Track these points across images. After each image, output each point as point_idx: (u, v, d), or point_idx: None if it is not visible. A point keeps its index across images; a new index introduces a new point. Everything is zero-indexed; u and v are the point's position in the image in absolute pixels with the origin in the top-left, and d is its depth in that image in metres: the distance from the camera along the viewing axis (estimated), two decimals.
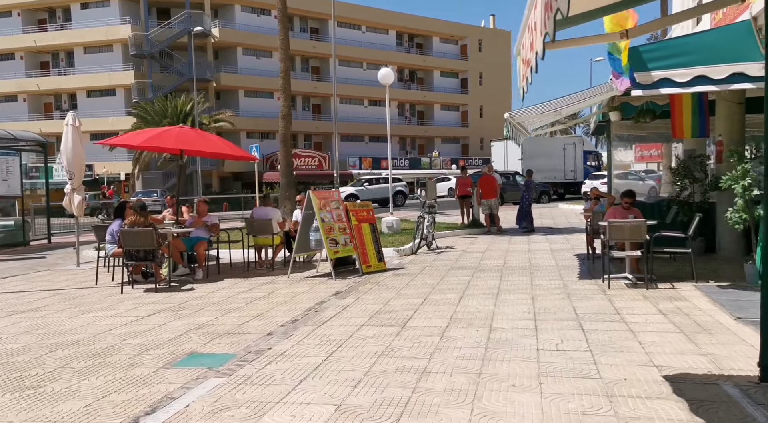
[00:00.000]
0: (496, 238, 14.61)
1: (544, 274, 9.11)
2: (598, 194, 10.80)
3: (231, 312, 6.94)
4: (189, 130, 9.61)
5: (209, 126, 38.36)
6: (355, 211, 9.92)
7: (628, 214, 8.65)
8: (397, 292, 7.93)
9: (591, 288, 7.79)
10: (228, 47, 47.41)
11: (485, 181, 16.06)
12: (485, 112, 61.75)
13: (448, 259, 11.17)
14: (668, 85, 7.46)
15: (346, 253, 9.51)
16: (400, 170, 49.42)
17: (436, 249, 12.83)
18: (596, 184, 32.36)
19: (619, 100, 10.46)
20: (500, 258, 11.11)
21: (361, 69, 54.45)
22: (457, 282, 8.63)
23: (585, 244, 12.66)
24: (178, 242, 9.32)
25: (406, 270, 10.01)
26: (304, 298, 7.74)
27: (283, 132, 15.70)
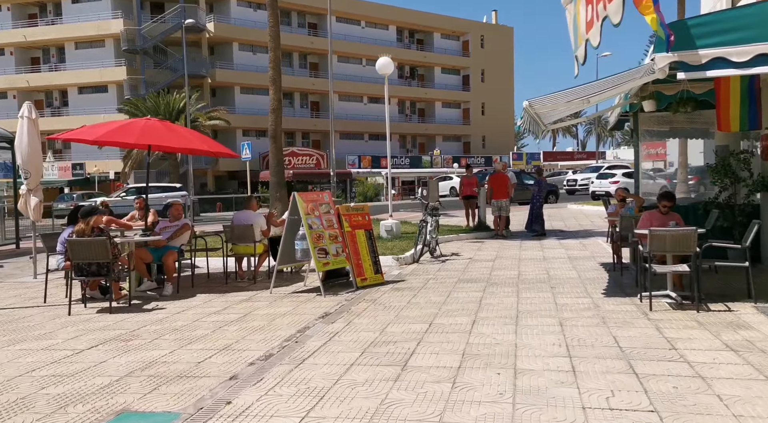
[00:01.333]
0: (505, 244, 13.34)
1: (568, 289, 7.83)
2: (625, 196, 9.52)
3: (193, 342, 5.66)
4: (156, 123, 8.34)
5: (203, 123, 37.09)
6: (348, 215, 8.65)
7: (667, 220, 7.37)
8: (396, 314, 6.66)
9: (628, 309, 6.52)
10: (223, 42, 46.12)
11: (497, 179, 14.76)
12: (487, 110, 60.46)
13: (455, 269, 9.90)
14: (721, 65, 6.20)
15: (337, 264, 8.24)
16: (400, 169, 48.16)
17: (440, 256, 11.56)
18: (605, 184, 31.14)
19: (651, 89, 9.19)
20: (513, 268, 9.83)
21: (361, 65, 53.15)
22: (466, 299, 7.35)
23: (606, 251, 11.47)
24: (144, 252, 8.06)
25: (406, 283, 8.74)
26: (286, 321, 6.46)
27: (273, 127, 14.43)
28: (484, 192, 15.66)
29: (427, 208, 11.76)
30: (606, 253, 11.19)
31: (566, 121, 10.60)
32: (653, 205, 9.75)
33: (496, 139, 60.11)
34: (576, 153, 64.15)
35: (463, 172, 17.28)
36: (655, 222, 7.47)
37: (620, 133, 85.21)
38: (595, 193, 30.46)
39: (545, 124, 9.58)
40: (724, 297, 6.88)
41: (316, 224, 8.05)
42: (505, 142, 61.21)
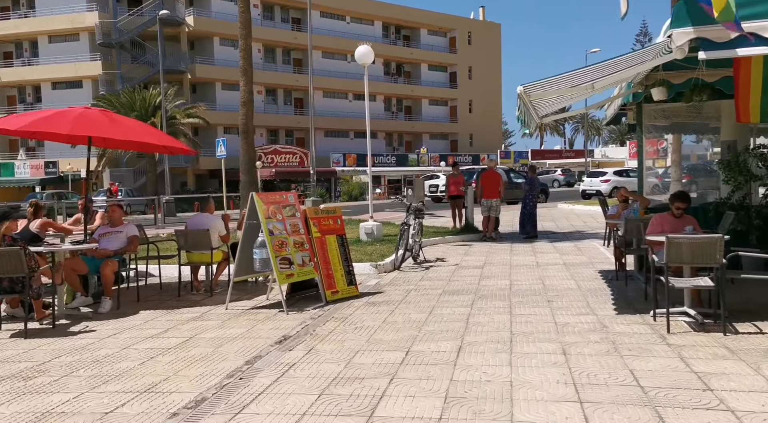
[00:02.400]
0: (495, 247, 12.34)
1: (567, 303, 6.83)
2: (627, 196, 8.55)
3: (111, 381, 4.57)
4: (96, 112, 7.22)
5: (181, 121, 35.79)
6: (317, 219, 7.59)
7: (682, 224, 6.39)
8: (368, 338, 5.61)
9: (642, 331, 5.52)
10: (204, 37, 44.76)
11: (488, 177, 13.75)
12: (475, 108, 59.56)
13: (439, 278, 8.87)
14: (753, 42, 5.24)
15: (304, 275, 7.17)
16: (386, 167, 47.12)
17: (424, 262, 10.54)
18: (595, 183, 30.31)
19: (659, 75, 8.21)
20: (504, 276, 8.82)
21: (346, 61, 51.98)
22: (451, 317, 6.32)
23: (604, 256, 10.51)
24: (77, 262, 6.94)
25: (384, 295, 7.70)
26: (235, 348, 5.39)
27: (244, 121, 13.33)
28: (472, 191, 14.67)
29: (410, 210, 10.72)
30: (604, 258, 10.22)
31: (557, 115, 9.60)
32: (661, 207, 8.82)
33: (483, 138, 59.24)
34: (564, 151, 63.53)
35: (451, 170, 16.33)
36: (668, 227, 6.49)
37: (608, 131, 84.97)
38: (585, 192, 29.64)
39: (539, 117, 8.58)
40: (749, 314, 5.91)
41: (278, 229, 6.97)
42: (493, 140, 60.38)
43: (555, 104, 7.88)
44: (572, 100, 7.90)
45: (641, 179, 8.82)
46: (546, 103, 7.91)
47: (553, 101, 7.70)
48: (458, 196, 15.34)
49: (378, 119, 54.01)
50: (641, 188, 8.80)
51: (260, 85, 47.79)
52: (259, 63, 47.73)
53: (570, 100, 7.77)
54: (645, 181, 8.91)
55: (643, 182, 8.81)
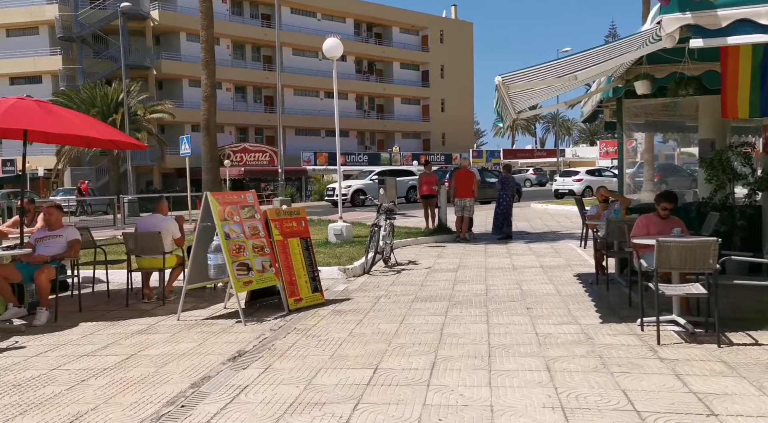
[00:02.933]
0: (469, 249, 11.90)
1: (547, 310, 6.38)
2: (608, 196, 8.16)
3: (28, 411, 3.93)
4: (30, 103, 6.52)
5: (145, 117, 34.65)
6: (279, 221, 7.00)
7: (668, 226, 6.00)
8: (332, 353, 5.07)
9: (630, 342, 5.08)
10: (170, 32, 43.55)
11: (462, 176, 13.30)
12: (447, 107, 59.37)
13: (411, 283, 8.37)
14: (747, 29, 4.84)
15: (264, 282, 6.58)
16: (358, 166, 46.52)
17: (395, 265, 10.03)
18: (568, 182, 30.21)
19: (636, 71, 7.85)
20: (479, 280, 8.36)
21: (317, 59, 51.21)
22: (424, 328, 5.82)
23: (581, 258, 10.14)
24: (9, 269, 6.24)
25: (352, 302, 7.16)
26: (181, 367, 4.79)
27: (206, 117, 12.62)
28: (445, 191, 14.22)
29: (381, 210, 10.19)
30: (582, 260, 9.85)
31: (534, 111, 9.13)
32: (641, 208, 8.47)
33: (456, 137, 59.09)
34: (536, 151, 63.80)
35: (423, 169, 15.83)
36: (654, 229, 6.10)
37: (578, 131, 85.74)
38: (558, 192, 29.51)
39: (515, 111, 8.14)
40: (741, 322, 5.53)
41: (235, 232, 6.37)
42: (465, 139, 60.28)
43: (534, 97, 7.44)
44: (553, 93, 7.46)
45: (621, 178, 8.44)
46: (523, 97, 7.47)
47: (531, 94, 7.25)
48: (431, 195, 14.88)
49: (350, 117, 53.42)
50: (621, 188, 8.43)
51: (229, 83, 46.83)
52: (227, 59, 46.75)
53: (550, 93, 7.34)
54: (625, 180, 8.53)
55: (624, 181, 8.43)
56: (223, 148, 42.90)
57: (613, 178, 31.27)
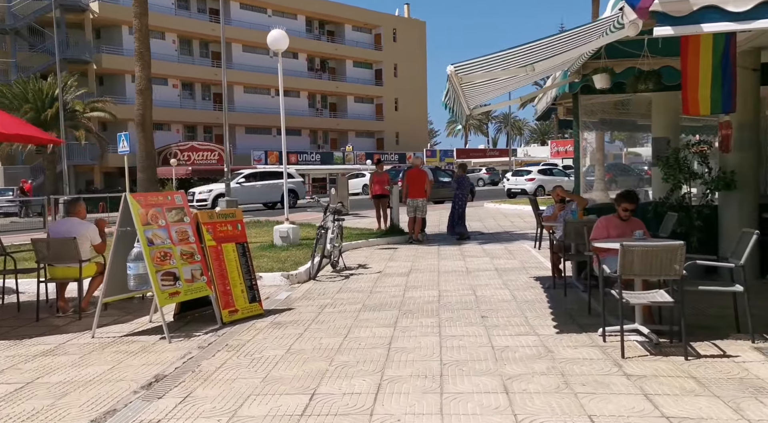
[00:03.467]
0: (421, 250, 11.44)
1: (504, 319, 5.95)
2: (564, 196, 7.82)
3: None
4: None
5: (84, 114, 32.96)
6: (211, 224, 6.35)
7: (629, 228, 5.67)
8: (265, 375, 4.48)
9: (593, 355, 4.68)
10: (111, 25, 41.67)
11: (414, 176, 12.83)
12: (401, 106, 59.06)
13: (360, 289, 7.83)
14: (714, 17, 4.50)
15: (194, 293, 5.92)
16: (310, 166, 45.72)
17: (344, 270, 9.47)
18: (521, 181, 30.25)
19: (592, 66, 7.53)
20: (432, 285, 7.89)
21: (268, 56, 50.03)
22: (371, 342, 5.29)
23: (536, 260, 9.82)
24: None
25: (294, 312, 6.57)
26: (84, 397, 4.11)
27: (140, 112, 11.74)
28: (398, 190, 13.74)
29: (328, 211, 9.61)
30: (538, 263, 9.52)
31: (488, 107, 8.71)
32: (599, 208, 8.18)
33: (409, 136, 58.87)
34: (488, 150, 64.27)
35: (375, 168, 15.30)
36: (615, 231, 5.75)
37: (529, 131, 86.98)
38: (510, 191, 29.52)
39: (469, 108, 7.71)
40: (706, 330, 5.21)
41: (159, 238, 5.69)
42: (419, 138, 60.14)
43: (488, 92, 7.02)
44: (507, 87, 7.05)
45: (578, 178, 8.12)
46: (476, 91, 7.03)
47: (485, 88, 6.82)
48: (383, 195, 14.38)
49: (302, 116, 52.48)
50: (578, 187, 8.10)
51: (175, 79, 45.24)
52: (173, 55, 45.16)
53: (505, 87, 6.92)
54: (582, 179, 8.21)
55: (580, 181, 8.11)
56: (170, 147, 41.41)
57: (564, 176, 31.55)
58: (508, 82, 6.81)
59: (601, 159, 21.90)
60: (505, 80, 6.43)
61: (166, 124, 45.32)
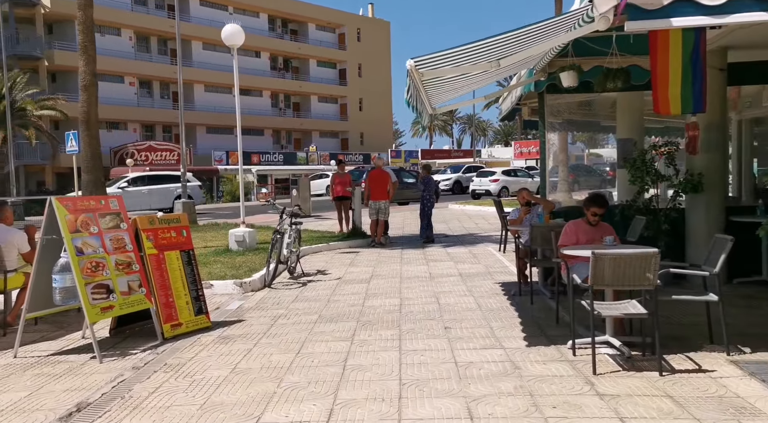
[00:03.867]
0: (384, 255, 11.05)
1: (468, 331, 5.60)
2: (530, 199, 7.53)
3: None
4: None
5: (34, 112, 31.57)
6: (152, 231, 5.82)
7: (598, 233, 5.39)
8: (204, 400, 4.01)
9: (563, 371, 4.36)
10: (63, 20, 40.07)
11: (376, 177, 12.43)
12: (365, 106, 58.66)
13: (317, 298, 7.39)
14: (687, 11, 4.24)
15: (130, 307, 5.40)
16: (273, 166, 44.92)
17: (302, 276, 9.02)
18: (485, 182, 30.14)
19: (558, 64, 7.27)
20: (393, 293, 7.51)
21: (229, 54, 49.00)
22: (325, 358, 4.87)
23: (501, 264, 9.54)
24: None
25: (245, 325, 6.10)
26: None
27: (85, 109, 11.02)
28: (360, 192, 13.33)
29: (285, 214, 9.13)
30: (502, 267, 9.24)
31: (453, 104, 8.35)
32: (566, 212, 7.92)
33: (374, 136, 58.50)
34: (453, 151, 64.37)
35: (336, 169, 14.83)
36: (584, 237, 5.46)
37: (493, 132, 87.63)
38: (475, 192, 29.40)
39: (431, 106, 7.35)
40: (678, 341, 4.96)
41: (91, 247, 5.15)
42: (384, 139, 59.83)
43: (450, 91, 6.66)
44: (470, 85, 6.71)
45: (544, 179, 7.84)
46: (440, 90, 6.68)
47: (448, 87, 6.47)
48: (344, 197, 13.96)
49: (265, 116, 51.60)
50: (544, 190, 7.83)
51: (132, 76, 43.92)
52: (130, 52, 43.83)
53: (468, 84, 6.58)
54: (548, 181, 7.94)
55: (546, 183, 7.83)
56: (126, 147, 40.09)
57: (528, 178, 31.62)
58: (471, 80, 6.48)
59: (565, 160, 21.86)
60: (469, 77, 6.09)
61: (122, 123, 43.94)
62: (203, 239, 13.41)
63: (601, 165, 40.08)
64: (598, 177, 32.16)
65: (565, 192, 22.18)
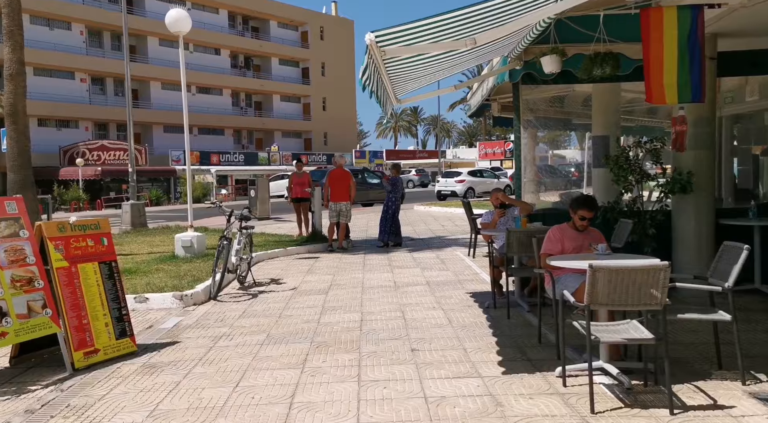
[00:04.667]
0: (345, 261, 10.23)
1: (439, 353, 4.82)
2: (504, 201, 6.80)
3: None
4: None
5: None
6: (62, 239, 4.87)
7: (586, 239, 4.69)
8: None
9: (554, 409, 3.60)
10: None
11: (337, 177, 11.58)
12: (329, 106, 57.66)
13: (267, 312, 6.52)
14: None
15: (31, 333, 4.45)
16: (233, 166, 43.59)
17: (253, 285, 8.14)
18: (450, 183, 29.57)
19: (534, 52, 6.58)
20: (354, 306, 6.69)
21: (188, 51, 47.43)
22: (268, 393, 4.02)
23: (471, 270, 8.82)
24: None
25: (179, 348, 5.20)
26: None
27: (10, 101, 9.84)
28: (320, 193, 12.47)
29: (232, 218, 8.21)
30: (473, 274, 8.52)
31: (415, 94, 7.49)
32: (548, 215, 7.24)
33: (338, 136, 57.54)
34: (418, 152, 63.93)
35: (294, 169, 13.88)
36: (569, 243, 4.75)
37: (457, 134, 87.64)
38: (440, 193, 28.80)
39: (396, 97, 6.57)
40: (680, 366, 4.27)
41: None
42: (348, 139, 58.91)
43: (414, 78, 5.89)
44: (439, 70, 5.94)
45: (519, 179, 7.12)
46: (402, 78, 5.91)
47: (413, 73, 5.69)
48: (303, 198, 13.08)
49: (225, 114, 50.16)
50: (519, 190, 7.11)
51: (84, 72, 42.00)
52: (81, 47, 41.93)
53: (437, 70, 5.81)
54: (524, 181, 7.22)
55: (522, 183, 7.11)
56: (77, 146, 38.27)
57: (494, 178, 31.19)
58: (440, 66, 5.72)
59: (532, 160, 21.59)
60: (439, 61, 5.32)
61: (73, 120, 42.01)
62: (150, 244, 12.36)
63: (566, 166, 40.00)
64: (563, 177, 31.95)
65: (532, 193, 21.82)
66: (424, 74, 6.11)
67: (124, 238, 13.78)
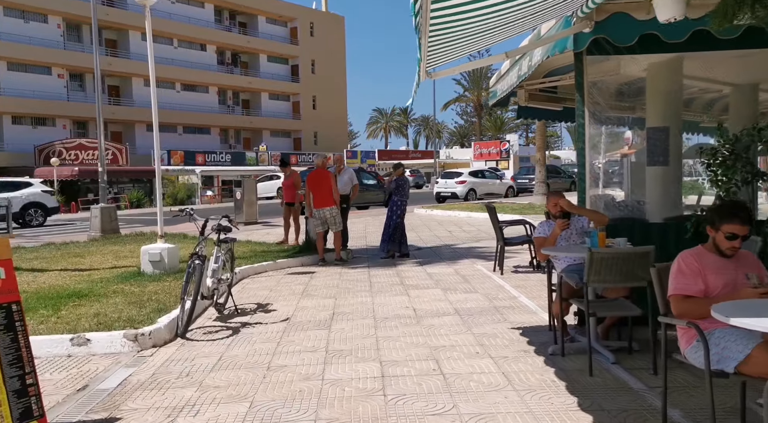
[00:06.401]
0: (347, 276, 8.49)
1: None
2: (568, 209, 5.06)
3: None
4: None
5: None
6: None
7: (738, 269, 3.02)
8: None
9: None
10: None
11: (317, 178, 9.69)
12: (319, 104, 55.82)
13: (251, 361, 4.78)
14: None
15: None
16: (220, 167, 41.64)
17: (234, 314, 6.40)
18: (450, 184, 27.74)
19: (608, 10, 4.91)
20: (368, 349, 4.97)
21: (172, 47, 45.52)
22: None
23: (503, 291, 7.08)
24: None
25: None
26: None
27: None
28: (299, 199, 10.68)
29: (206, 230, 6.44)
30: (507, 295, 6.84)
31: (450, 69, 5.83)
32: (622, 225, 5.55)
33: (329, 136, 55.70)
34: (411, 152, 62.25)
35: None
36: (715, 278, 3.12)
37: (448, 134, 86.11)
38: (440, 195, 27.10)
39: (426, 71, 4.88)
40: None
41: None
42: (339, 138, 57.07)
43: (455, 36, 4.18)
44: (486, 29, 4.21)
45: (584, 181, 5.39)
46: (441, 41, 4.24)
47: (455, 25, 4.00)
48: (294, 203, 11.33)
49: (211, 113, 48.25)
50: (583, 194, 5.37)
51: (61, 68, 39.94)
52: (59, 41, 39.86)
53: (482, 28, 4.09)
54: (587, 182, 5.47)
55: (586, 185, 5.38)
56: (53, 145, 36.23)
57: (496, 179, 29.56)
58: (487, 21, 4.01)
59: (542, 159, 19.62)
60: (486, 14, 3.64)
61: (50, 118, 39.95)
62: (116, 256, 10.55)
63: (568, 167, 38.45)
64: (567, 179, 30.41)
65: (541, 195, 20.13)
66: (464, 35, 4.41)
67: (89, 248, 11.97)
